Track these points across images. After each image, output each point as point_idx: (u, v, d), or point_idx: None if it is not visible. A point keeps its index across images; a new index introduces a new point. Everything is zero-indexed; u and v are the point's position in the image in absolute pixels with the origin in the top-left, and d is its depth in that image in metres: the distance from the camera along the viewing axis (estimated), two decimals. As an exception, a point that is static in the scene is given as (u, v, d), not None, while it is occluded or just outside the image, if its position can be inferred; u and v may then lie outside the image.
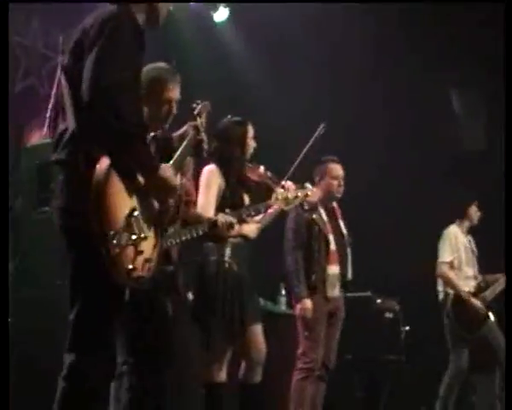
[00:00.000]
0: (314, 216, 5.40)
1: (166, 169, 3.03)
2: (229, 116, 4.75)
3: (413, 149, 7.72)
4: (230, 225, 4.21)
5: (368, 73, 7.56)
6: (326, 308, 5.39)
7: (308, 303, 5.30)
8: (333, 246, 5.43)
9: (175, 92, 3.81)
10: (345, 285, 5.52)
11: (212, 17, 7.45)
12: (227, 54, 7.56)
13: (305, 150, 5.16)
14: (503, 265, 6.46)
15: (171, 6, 3.19)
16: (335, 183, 5.56)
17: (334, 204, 5.66)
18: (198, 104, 3.91)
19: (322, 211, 5.50)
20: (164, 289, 3.89)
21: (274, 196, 4.41)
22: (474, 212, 6.62)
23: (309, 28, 7.20)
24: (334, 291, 5.42)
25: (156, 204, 3.02)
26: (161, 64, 3.90)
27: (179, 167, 3.52)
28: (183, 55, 6.54)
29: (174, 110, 3.80)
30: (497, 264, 6.54)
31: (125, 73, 2.82)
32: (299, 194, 4.47)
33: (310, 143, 5.19)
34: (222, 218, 4.20)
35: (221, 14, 7.44)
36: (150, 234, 2.96)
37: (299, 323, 5.40)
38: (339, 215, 5.66)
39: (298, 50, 7.39)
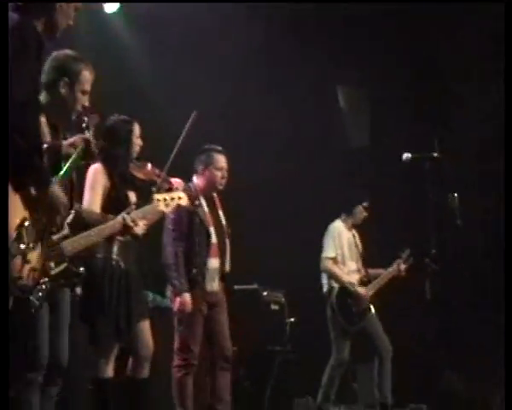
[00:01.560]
0: (195, 207, 5.27)
1: (55, 186, 3.11)
2: (115, 115, 4.75)
3: (304, 145, 7.85)
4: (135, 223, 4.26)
5: (261, 70, 7.61)
6: (203, 303, 5.34)
7: (188, 297, 5.24)
8: (214, 239, 5.38)
9: (90, 84, 3.84)
10: (223, 277, 5.48)
11: (103, 8, 7.34)
12: (118, 47, 7.47)
13: (180, 140, 4.98)
14: (384, 260, 6.76)
15: (71, 21, 3.20)
16: (219, 174, 5.49)
17: (215, 194, 5.59)
18: (86, 117, 3.78)
19: (203, 201, 5.45)
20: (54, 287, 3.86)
21: (155, 198, 4.42)
22: (360, 212, 6.74)
23: (203, 21, 7.21)
24: (214, 285, 5.38)
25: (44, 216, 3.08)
26: (76, 54, 3.89)
27: (67, 178, 3.56)
28: (74, 47, 6.43)
29: (87, 102, 3.80)
30: (380, 259, 6.83)
31: (28, 89, 2.85)
32: (174, 196, 4.47)
33: (184, 133, 4.98)
34: (128, 217, 4.25)
35: (111, 5, 7.34)
36: (37, 244, 3.03)
37: (176, 317, 5.35)
38: (218, 205, 5.59)
39: (194, 45, 7.38)
